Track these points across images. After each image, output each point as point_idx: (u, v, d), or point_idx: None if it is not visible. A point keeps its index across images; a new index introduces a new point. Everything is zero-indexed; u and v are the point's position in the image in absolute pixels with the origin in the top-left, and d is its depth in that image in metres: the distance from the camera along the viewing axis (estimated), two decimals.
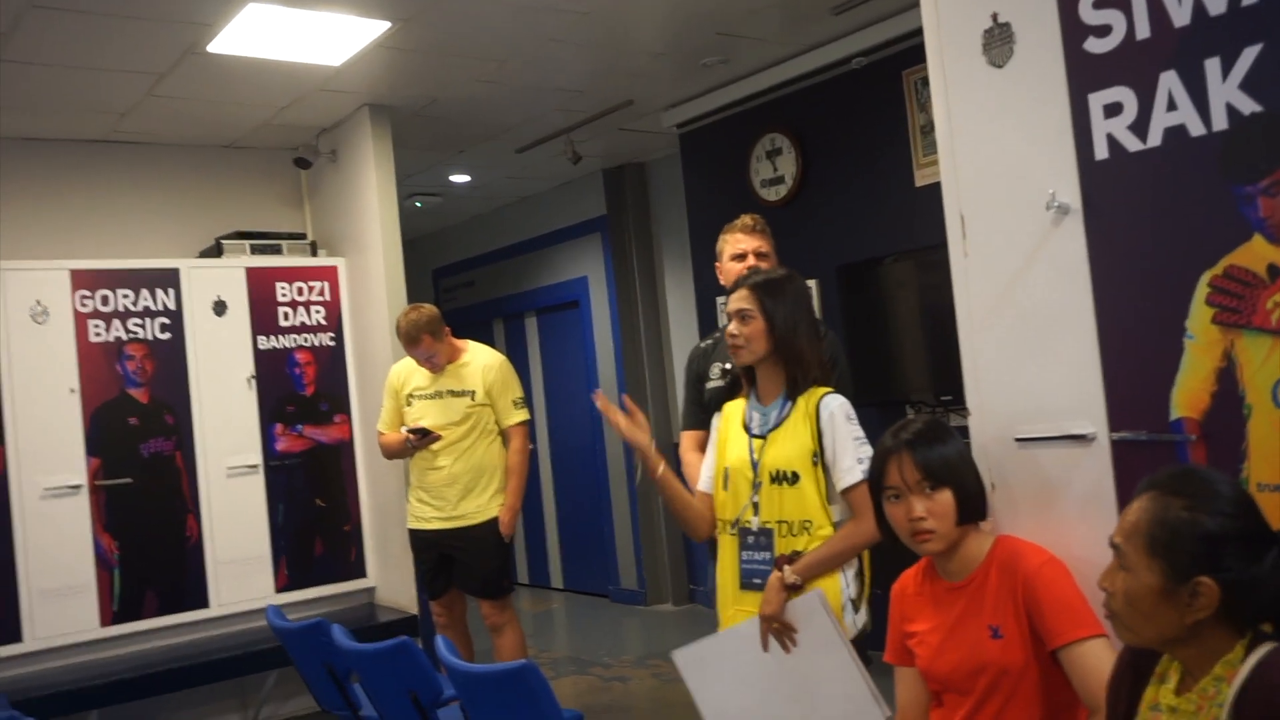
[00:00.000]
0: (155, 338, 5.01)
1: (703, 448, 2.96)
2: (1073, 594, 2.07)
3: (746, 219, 3.38)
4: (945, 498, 2.14)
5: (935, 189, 2.54)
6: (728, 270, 3.32)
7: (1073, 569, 2.11)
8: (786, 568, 2.51)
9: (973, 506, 2.17)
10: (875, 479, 2.24)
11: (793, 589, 2.51)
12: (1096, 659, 1.98)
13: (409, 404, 4.55)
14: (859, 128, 5.20)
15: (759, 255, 3.29)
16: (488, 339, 7.61)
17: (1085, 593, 2.08)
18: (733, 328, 2.65)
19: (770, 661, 2.53)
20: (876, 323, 5.05)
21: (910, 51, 4.75)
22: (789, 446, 2.58)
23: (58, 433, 4.76)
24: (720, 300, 5.62)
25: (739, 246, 3.32)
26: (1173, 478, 1.66)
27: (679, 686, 2.72)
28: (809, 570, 2.52)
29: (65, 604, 4.73)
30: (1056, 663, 2.05)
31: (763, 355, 2.64)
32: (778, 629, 2.50)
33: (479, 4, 4.11)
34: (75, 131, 5.24)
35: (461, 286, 8.91)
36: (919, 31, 2.56)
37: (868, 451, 2.49)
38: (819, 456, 2.56)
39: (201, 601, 5.05)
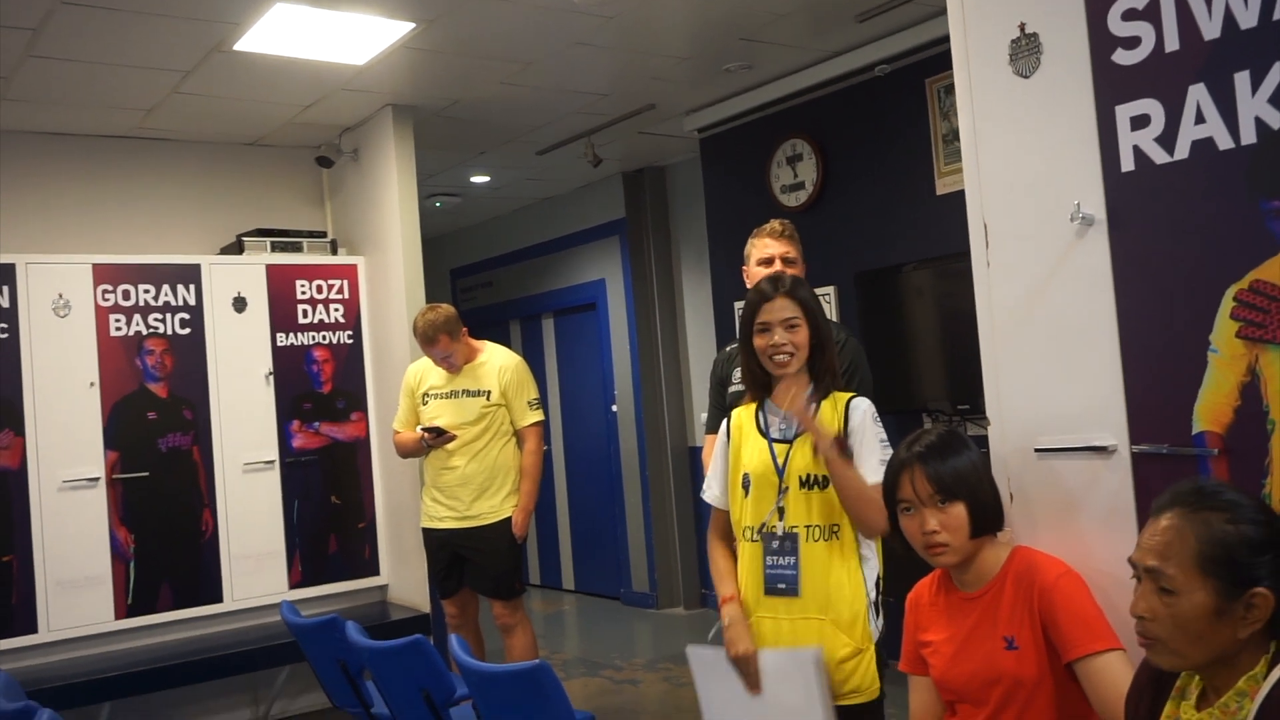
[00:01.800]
0: (175, 333, 5.04)
1: None
2: (1090, 607, 2.06)
3: (775, 224, 3.35)
4: (958, 511, 2.14)
5: (956, 197, 2.54)
6: (753, 275, 3.27)
7: (1091, 582, 2.10)
8: (839, 450, 2.52)
9: (987, 519, 2.17)
10: (889, 491, 2.24)
11: (844, 454, 2.53)
12: (1113, 673, 1.97)
13: (424, 403, 4.56)
14: (881, 135, 5.19)
15: (786, 260, 3.26)
16: (504, 339, 7.63)
17: (1103, 605, 2.08)
18: (779, 338, 2.59)
19: (763, 699, 2.54)
20: (894, 330, 5.04)
21: (934, 59, 4.75)
22: None
23: (77, 426, 4.80)
24: (739, 305, 5.61)
25: (766, 251, 3.30)
26: (1195, 494, 1.65)
27: (690, 690, 2.72)
28: (844, 469, 2.52)
29: (80, 596, 4.77)
30: (1072, 675, 2.04)
31: (804, 361, 2.63)
32: (752, 671, 2.52)
33: (504, 6, 4.13)
34: (101, 127, 5.28)
35: (479, 287, 8.93)
36: (943, 40, 2.56)
37: (890, 454, 2.50)
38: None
39: (215, 596, 5.07)
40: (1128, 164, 2.11)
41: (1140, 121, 2.09)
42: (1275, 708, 1.51)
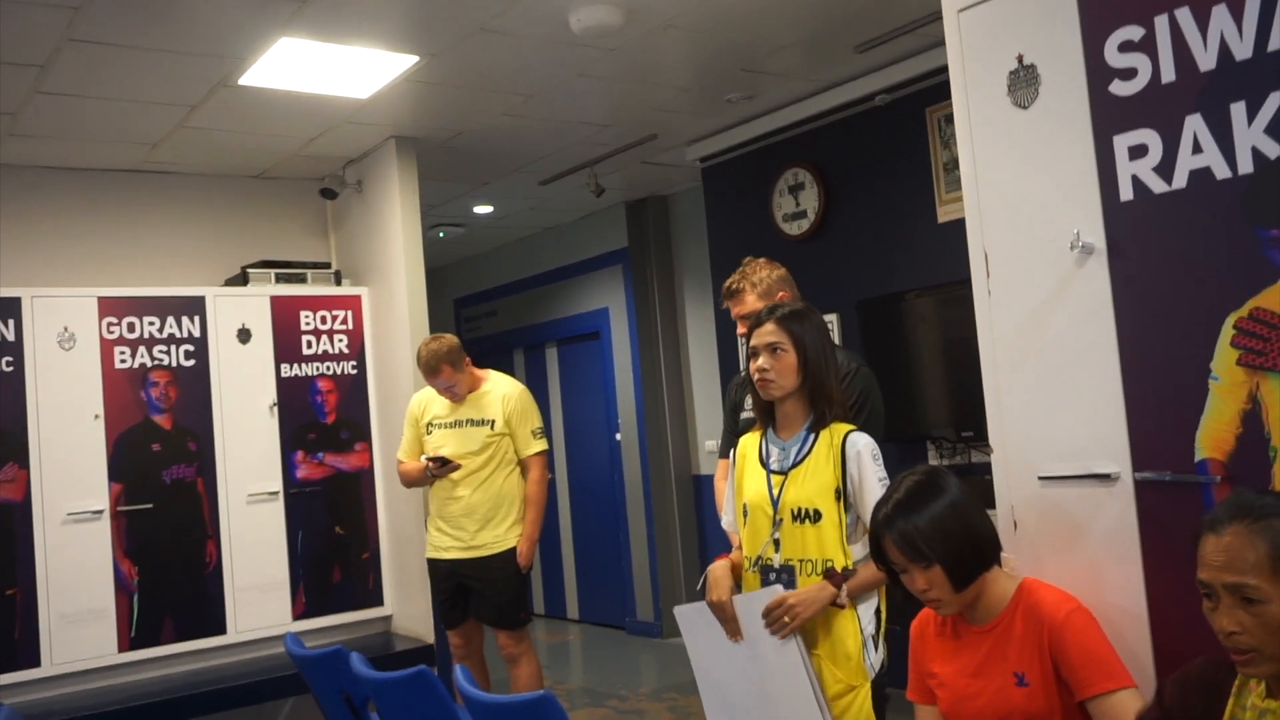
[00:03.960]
0: (180, 365, 5.06)
1: None
2: (1101, 644, 2.06)
3: (727, 281, 3.26)
4: (936, 571, 2.11)
5: (957, 225, 2.55)
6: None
7: (1097, 610, 2.10)
8: (845, 586, 2.50)
9: (968, 570, 2.13)
10: (877, 555, 2.21)
11: (838, 607, 2.51)
12: (1126, 711, 1.96)
13: (429, 432, 4.57)
14: (881, 163, 5.22)
15: (743, 319, 3.19)
16: (508, 369, 7.65)
17: (1110, 634, 2.07)
18: (762, 362, 2.60)
19: (743, 645, 2.58)
20: (897, 358, 5.05)
21: (934, 89, 4.78)
22: (811, 484, 2.56)
23: (81, 458, 4.80)
24: (741, 334, 5.62)
25: (732, 314, 3.26)
26: (1249, 504, 1.66)
27: None
28: (856, 591, 2.52)
29: (84, 629, 4.75)
30: (1084, 712, 2.04)
31: (792, 390, 2.62)
32: (788, 622, 2.49)
33: (506, 39, 4.17)
34: (107, 161, 5.32)
35: (483, 316, 8.95)
36: (942, 69, 2.58)
37: None
38: (841, 492, 2.55)
39: (219, 628, 5.06)
40: (1126, 193, 2.13)
41: (1138, 151, 2.10)
42: None
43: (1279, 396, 1.91)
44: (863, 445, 2.57)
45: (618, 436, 7.55)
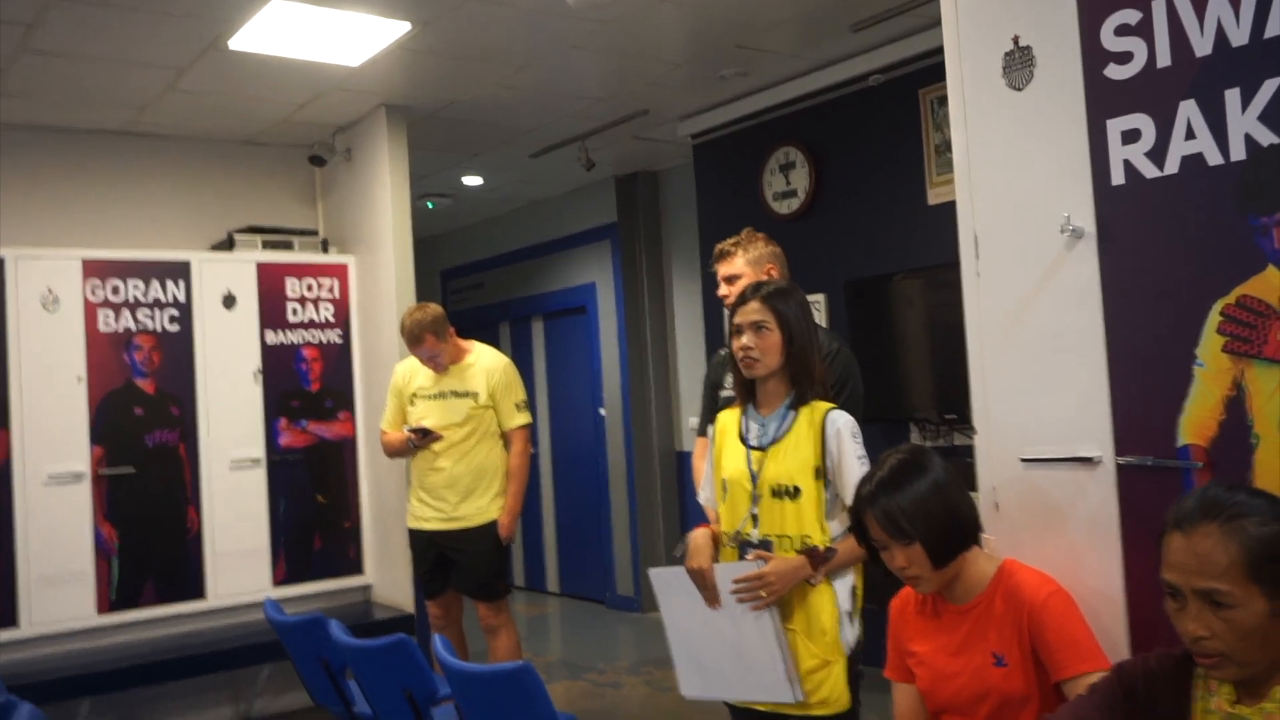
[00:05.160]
0: (164, 329, 5.03)
1: None
2: (1078, 627, 2.07)
3: (720, 244, 3.26)
4: (917, 549, 2.12)
5: (948, 208, 2.55)
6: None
7: (1076, 593, 2.11)
8: (821, 570, 2.51)
9: (948, 548, 2.13)
10: (859, 532, 2.22)
11: (808, 584, 2.52)
12: None
13: (412, 403, 4.56)
14: (873, 144, 5.21)
15: (728, 280, 3.19)
16: (494, 341, 7.61)
17: (1088, 616, 2.09)
18: (747, 340, 2.59)
19: (720, 613, 2.59)
20: (883, 339, 5.06)
21: (928, 70, 4.77)
22: (791, 460, 2.56)
23: (63, 420, 4.78)
24: (721, 294, 5.63)
25: (719, 276, 3.26)
26: (1218, 504, 1.64)
27: (672, 694, 2.74)
28: (832, 570, 2.53)
29: (63, 591, 4.75)
30: (1060, 693, 2.05)
31: (776, 368, 2.61)
32: (763, 596, 2.50)
33: (500, 9, 4.13)
34: (95, 122, 5.27)
35: (470, 288, 8.93)
36: (937, 50, 2.57)
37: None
38: (821, 470, 2.55)
39: (198, 593, 5.06)
40: (1118, 178, 2.12)
41: (1131, 136, 2.10)
42: None
43: (1263, 384, 1.92)
44: (843, 423, 2.56)
45: (602, 411, 7.55)
